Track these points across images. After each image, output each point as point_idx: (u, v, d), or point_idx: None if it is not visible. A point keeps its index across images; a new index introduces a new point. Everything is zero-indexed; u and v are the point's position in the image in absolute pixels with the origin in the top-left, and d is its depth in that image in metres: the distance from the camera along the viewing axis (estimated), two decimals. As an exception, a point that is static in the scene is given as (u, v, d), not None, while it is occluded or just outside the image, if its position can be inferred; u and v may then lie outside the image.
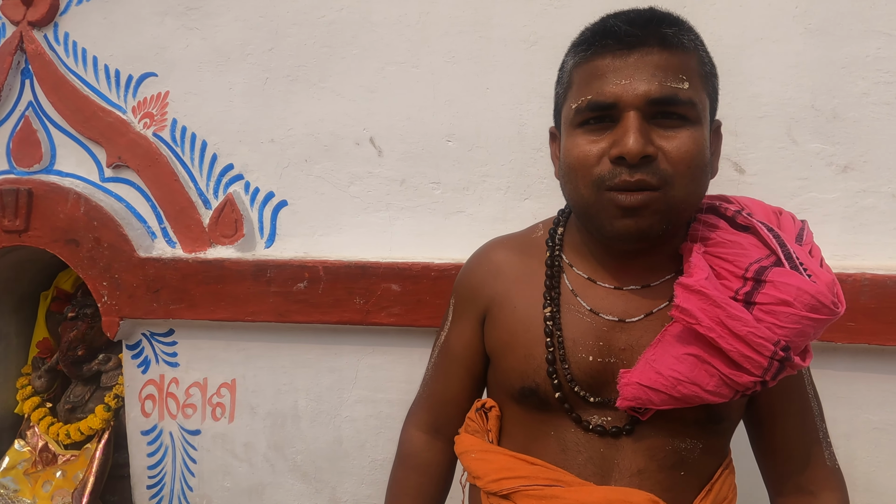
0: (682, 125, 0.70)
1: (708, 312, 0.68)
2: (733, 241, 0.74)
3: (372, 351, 1.38)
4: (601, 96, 0.70)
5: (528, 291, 0.83)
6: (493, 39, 1.29)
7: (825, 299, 0.67)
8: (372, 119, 1.35)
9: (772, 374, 0.68)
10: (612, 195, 0.70)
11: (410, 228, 1.36)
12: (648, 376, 0.71)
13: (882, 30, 1.14)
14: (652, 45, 0.69)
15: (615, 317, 0.78)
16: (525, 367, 0.80)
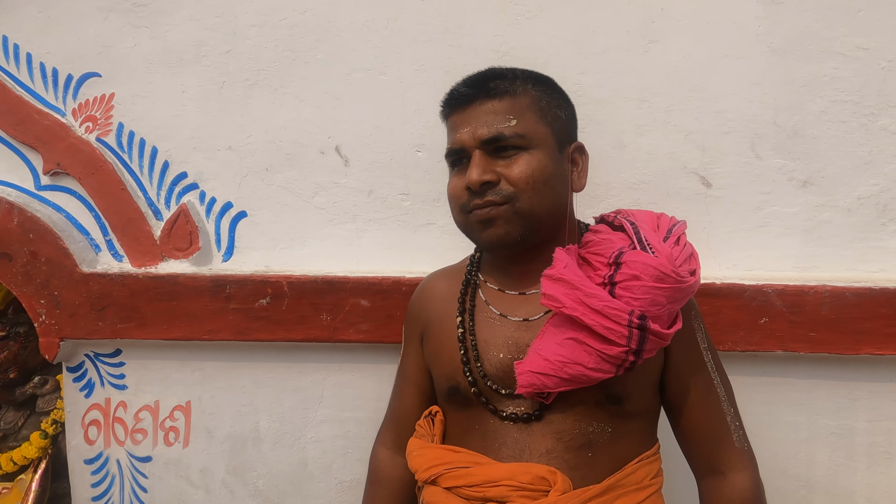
0: (518, 153, 0.86)
1: (570, 295, 0.80)
2: (607, 238, 0.90)
3: (339, 368, 1.33)
4: (453, 144, 0.90)
5: (451, 309, 0.97)
6: (464, 48, 1.26)
7: (665, 269, 0.80)
8: (337, 127, 1.30)
9: (636, 342, 0.79)
10: (472, 215, 0.87)
11: (379, 241, 1.32)
12: (538, 363, 0.82)
13: (838, 50, 1.19)
14: (482, 98, 0.88)
15: (520, 317, 0.91)
16: (449, 370, 0.94)
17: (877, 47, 1.18)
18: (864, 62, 1.19)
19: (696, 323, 0.93)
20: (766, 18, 1.20)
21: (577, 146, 0.94)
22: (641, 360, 0.81)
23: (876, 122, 1.19)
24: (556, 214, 0.90)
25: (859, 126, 1.20)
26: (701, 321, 0.95)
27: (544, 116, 0.89)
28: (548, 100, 0.91)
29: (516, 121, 0.86)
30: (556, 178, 0.88)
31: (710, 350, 0.94)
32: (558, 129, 0.91)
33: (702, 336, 0.93)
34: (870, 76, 1.19)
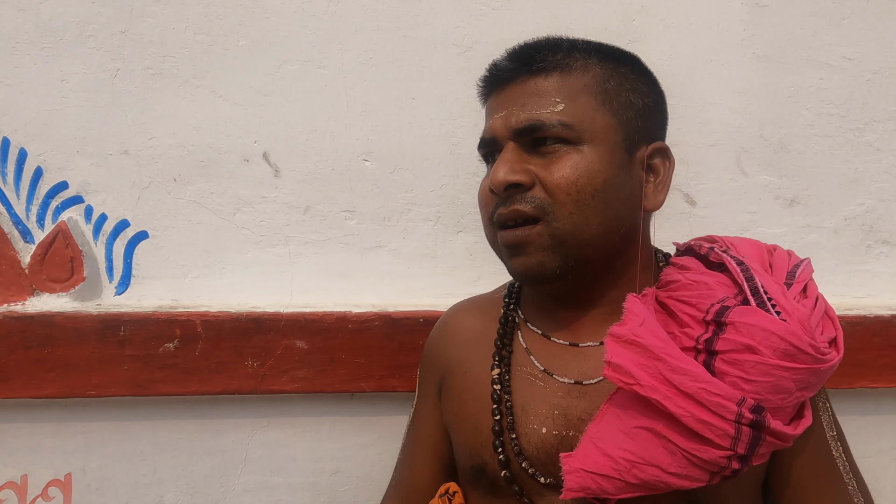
0: (562, 149, 0.65)
1: (647, 368, 0.57)
2: (699, 281, 0.66)
3: (267, 424, 1.08)
4: (484, 133, 0.71)
5: (480, 354, 0.75)
6: (420, 40, 1.07)
7: (799, 342, 0.56)
8: (265, 130, 1.07)
9: (745, 445, 0.55)
10: (499, 233, 0.68)
11: (318, 268, 1.09)
12: (594, 460, 0.59)
13: (824, 60, 1.11)
14: (523, 74, 0.68)
15: (571, 379, 0.68)
16: (473, 442, 0.73)
17: (861, 58, 1.11)
18: (849, 73, 1.11)
19: (819, 399, 0.69)
20: (751, 23, 1.10)
21: (657, 147, 0.70)
22: (749, 466, 0.58)
23: (861, 137, 1.12)
24: (612, 240, 0.67)
25: (845, 141, 1.12)
26: (825, 396, 0.70)
27: (609, 102, 0.66)
28: (619, 80, 0.68)
29: (564, 105, 0.64)
30: (613, 190, 0.65)
31: (840, 439, 0.69)
32: (629, 122, 0.67)
33: (828, 420, 0.69)
34: (855, 88, 1.11)
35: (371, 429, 1.09)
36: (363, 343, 1.03)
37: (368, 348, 1.03)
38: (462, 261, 1.11)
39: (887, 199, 1.13)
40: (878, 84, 1.11)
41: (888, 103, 1.11)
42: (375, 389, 1.04)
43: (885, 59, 1.10)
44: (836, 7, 1.09)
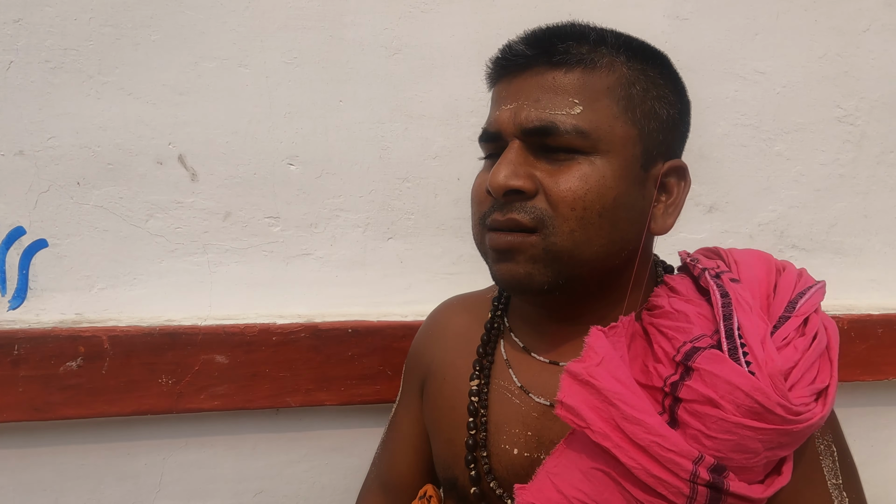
0: (573, 158, 0.58)
1: (601, 412, 0.52)
2: (680, 311, 0.59)
3: (185, 445, 1.01)
4: (489, 125, 0.63)
5: (462, 359, 0.71)
6: (347, 41, 1.04)
7: (766, 400, 0.49)
8: (181, 130, 1.00)
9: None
10: (489, 235, 0.62)
11: (239, 277, 1.03)
12: (547, 496, 0.54)
13: (738, 73, 1.16)
14: (541, 63, 0.60)
15: (547, 399, 0.64)
16: (446, 454, 0.70)
17: (772, 72, 1.16)
18: (761, 86, 1.16)
19: (822, 443, 0.60)
20: (672, 34, 1.13)
21: (674, 166, 0.63)
22: None
23: (773, 147, 1.18)
24: (613, 262, 0.60)
25: (758, 151, 1.18)
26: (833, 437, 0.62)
27: (632, 109, 0.59)
28: (646, 85, 0.60)
29: (582, 108, 0.57)
30: (623, 209, 0.58)
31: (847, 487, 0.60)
32: (650, 134, 0.60)
33: (831, 465, 0.60)
34: (766, 101, 1.17)
35: (298, 445, 1.05)
36: (288, 356, 0.98)
37: (294, 361, 0.98)
38: (393, 268, 1.08)
39: (796, 206, 1.20)
40: (787, 97, 1.17)
41: (796, 115, 1.17)
42: (302, 404, 1.00)
43: (793, 73, 1.16)
44: (749, 23, 1.15)
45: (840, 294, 1.22)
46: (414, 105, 1.06)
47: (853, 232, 1.22)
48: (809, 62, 1.17)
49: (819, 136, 1.19)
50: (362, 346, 1.00)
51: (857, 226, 1.22)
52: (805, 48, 1.16)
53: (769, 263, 0.64)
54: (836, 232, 1.22)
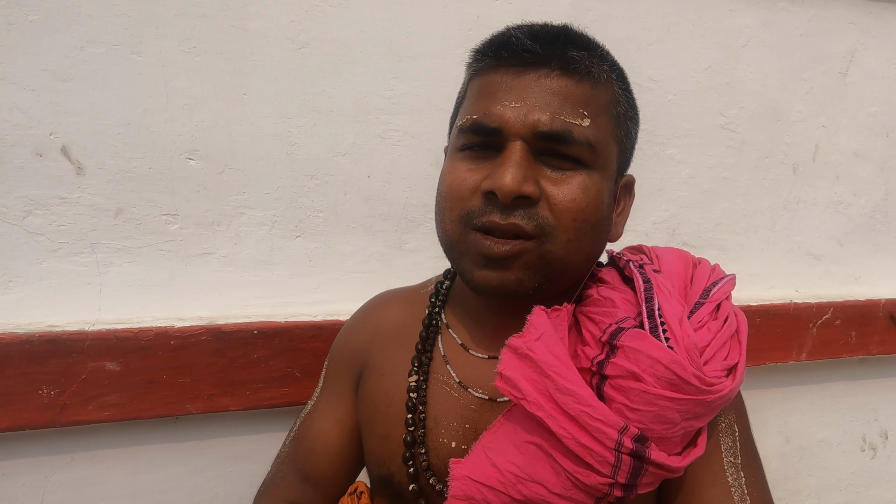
0: (576, 169, 0.59)
1: (536, 383, 0.55)
2: (607, 297, 0.63)
3: (70, 460, 0.94)
4: (486, 118, 0.59)
5: (400, 355, 0.70)
6: (251, 32, 1.00)
7: (683, 372, 0.52)
8: (64, 120, 0.92)
9: (626, 474, 0.53)
10: (477, 237, 0.59)
11: (133, 278, 0.97)
12: (482, 469, 0.56)
13: (634, 80, 1.20)
14: (553, 66, 0.59)
15: (485, 394, 0.65)
16: (381, 451, 0.69)
17: (665, 80, 1.24)
18: (655, 93, 1.24)
19: (723, 421, 0.63)
20: (574, 41, 1.18)
21: (628, 181, 0.68)
22: (634, 495, 0.55)
23: (665, 150, 1.26)
24: (588, 269, 0.64)
25: (653, 154, 1.25)
26: (735, 417, 0.65)
27: (618, 127, 0.62)
28: (626, 106, 0.64)
29: (591, 121, 0.58)
30: (605, 221, 0.62)
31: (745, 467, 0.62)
32: (623, 152, 0.64)
33: (731, 444, 0.63)
34: (660, 107, 1.25)
35: (200, 454, 1.00)
36: (188, 360, 0.93)
37: (194, 366, 0.93)
38: (301, 267, 1.05)
39: (686, 206, 1.28)
40: (678, 104, 1.25)
41: (686, 121, 1.26)
42: (204, 411, 0.95)
43: (682, 82, 1.25)
44: (644, 33, 1.22)
45: (724, 287, 1.33)
46: (322, 101, 1.04)
47: (735, 230, 1.33)
48: (697, 72, 1.26)
49: (706, 141, 1.28)
50: (269, 347, 0.97)
51: (739, 224, 1.33)
52: (693, 59, 1.25)
53: (686, 259, 0.68)
54: (721, 230, 1.32)
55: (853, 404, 1.47)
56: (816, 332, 1.32)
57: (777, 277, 1.38)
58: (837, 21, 1.33)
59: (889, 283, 1.47)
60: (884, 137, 1.42)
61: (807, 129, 1.35)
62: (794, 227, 1.38)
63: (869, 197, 1.43)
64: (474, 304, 0.69)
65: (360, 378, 0.74)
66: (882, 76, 1.39)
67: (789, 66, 1.32)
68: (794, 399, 1.40)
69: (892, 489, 1.53)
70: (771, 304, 1.28)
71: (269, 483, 0.77)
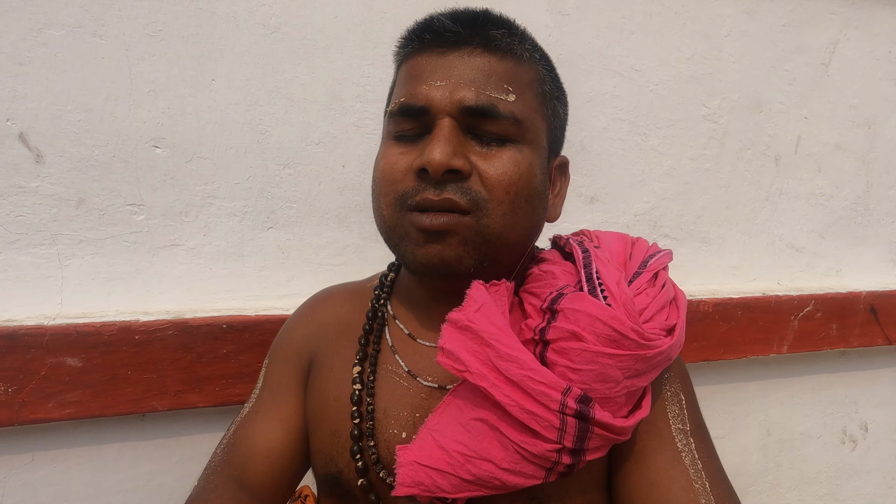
0: (504, 144, 0.60)
1: (478, 354, 0.54)
2: (547, 271, 0.64)
3: (30, 460, 0.90)
4: (413, 98, 0.60)
5: (346, 349, 0.69)
6: (220, 16, 0.96)
7: (622, 326, 0.53)
8: (22, 106, 0.89)
9: (572, 438, 0.53)
10: (414, 217, 0.59)
11: (95, 271, 0.93)
12: (429, 452, 0.55)
13: (616, 69, 1.21)
14: (475, 45, 0.60)
15: (434, 382, 0.64)
16: (329, 448, 0.66)
17: (646, 70, 1.22)
18: (636, 83, 1.22)
19: (669, 389, 0.64)
20: (554, 28, 1.16)
21: (562, 161, 0.69)
22: (583, 462, 0.55)
23: (647, 141, 1.24)
24: (526, 246, 0.64)
25: (634, 145, 1.23)
26: (681, 386, 0.65)
27: (544, 105, 0.63)
28: (552, 85, 0.65)
29: (515, 97, 0.59)
30: (539, 197, 0.62)
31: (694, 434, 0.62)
32: (553, 131, 0.65)
33: (678, 412, 0.62)
34: (641, 97, 1.23)
35: (167, 452, 0.97)
36: (153, 356, 0.90)
37: (160, 361, 0.90)
38: (273, 260, 1.02)
39: (668, 198, 1.27)
40: (660, 94, 1.24)
41: (667, 112, 1.24)
42: (171, 407, 0.92)
43: (664, 72, 1.23)
44: (625, 22, 1.20)
45: (705, 280, 1.32)
46: (294, 87, 1.00)
47: (717, 222, 1.32)
48: (679, 62, 1.24)
49: (687, 132, 1.27)
50: (239, 342, 0.94)
51: (720, 216, 1.32)
52: (675, 49, 1.23)
53: (625, 239, 0.70)
54: (703, 222, 1.31)
55: (834, 397, 1.46)
56: (797, 324, 1.32)
57: (758, 270, 1.37)
58: (819, 12, 1.32)
59: (870, 275, 1.47)
60: (865, 129, 1.41)
61: (788, 120, 1.34)
62: (776, 220, 1.37)
63: (850, 189, 1.42)
64: (419, 293, 0.69)
65: (308, 375, 0.72)
66: (863, 67, 1.38)
67: (771, 56, 1.30)
68: (774, 392, 1.40)
69: (871, 481, 1.53)
70: (752, 296, 1.27)
71: (196, 498, 0.70)
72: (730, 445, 1.37)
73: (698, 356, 1.22)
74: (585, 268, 0.61)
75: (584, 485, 0.62)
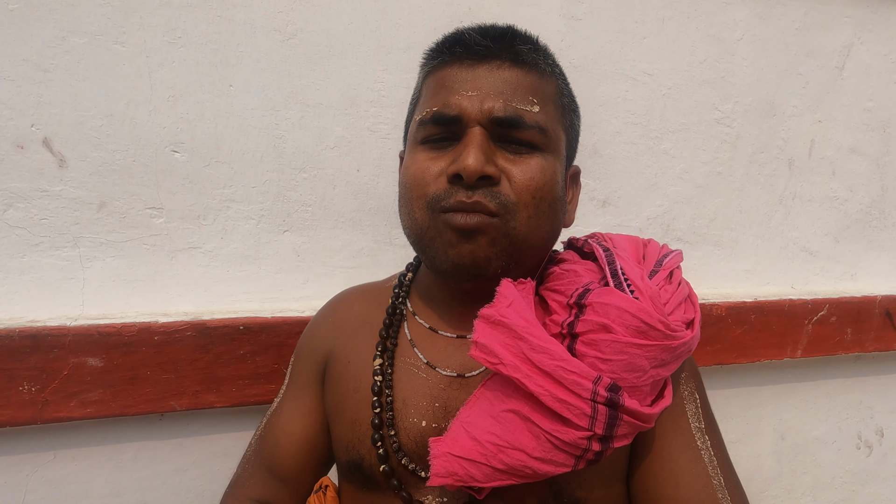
0: (531, 152, 0.64)
1: (511, 347, 0.57)
2: (570, 269, 0.67)
3: (52, 458, 0.92)
4: (446, 108, 0.63)
5: (365, 343, 0.72)
6: (237, 23, 0.98)
7: (649, 318, 0.56)
8: (46, 112, 0.91)
9: (603, 425, 0.55)
10: (447, 217, 0.62)
11: (116, 273, 0.95)
12: (462, 444, 0.57)
13: (628, 73, 1.21)
14: (503, 59, 0.64)
15: (454, 371, 0.67)
16: (350, 436, 0.69)
17: (658, 74, 1.23)
18: (648, 87, 1.23)
19: (686, 389, 0.67)
20: (567, 34, 1.17)
21: (575, 171, 0.74)
22: (611, 449, 0.57)
23: (659, 145, 1.24)
24: (547, 250, 0.69)
25: (646, 149, 1.24)
26: (695, 385, 0.69)
27: (563, 117, 0.68)
28: (569, 99, 0.70)
29: (539, 108, 0.63)
30: (560, 202, 0.67)
31: (710, 432, 0.66)
32: (570, 141, 0.70)
33: (695, 411, 0.67)
34: (654, 101, 1.23)
35: (185, 451, 0.98)
36: (172, 356, 0.92)
37: (179, 362, 0.92)
38: (289, 262, 1.04)
39: (680, 202, 1.27)
40: (672, 98, 1.24)
41: (680, 115, 1.25)
42: (189, 407, 0.93)
43: (677, 76, 1.23)
44: (638, 27, 1.20)
45: (718, 284, 1.32)
46: (310, 93, 1.02)
47: (730, 226, 1.32)
48: (692, 66, 1.24)
49: (700, 136, 1.27)
50: (255, 343, 0.95)
51: (734, 220, 1.32)
52: (688, 53, 1.24)
53: (637, 241, 0.74)
54: (716, 226, 1.30)
55: (848, 402, 1.45)
56: (812, 328, 1.31)
57: (772, 274, 1.37)
58: (833, 15, 1.32)
59: (885, 279, 1.46)
60: (880, 132, 1.40)
61: (802, 124, 1.34)
62: (790, 223, 1.36)
63: (865, 193, 1.42)
64: (439, 292, 0.72)
65: (326, 369, 0.75)
66: (878, 71, 1.38)
67: (784, 60, 1.30)
68: (788, 396, 1.39)
69: (887, 487, 1.52)
70: (766, 300, 1.27)
71: (235, 483, 0.77)
72: (743, 450, 1.36)
73: (711, 360, 1.22)
74: (610, 265, 0.64)
75: (605, 476, 0.65)
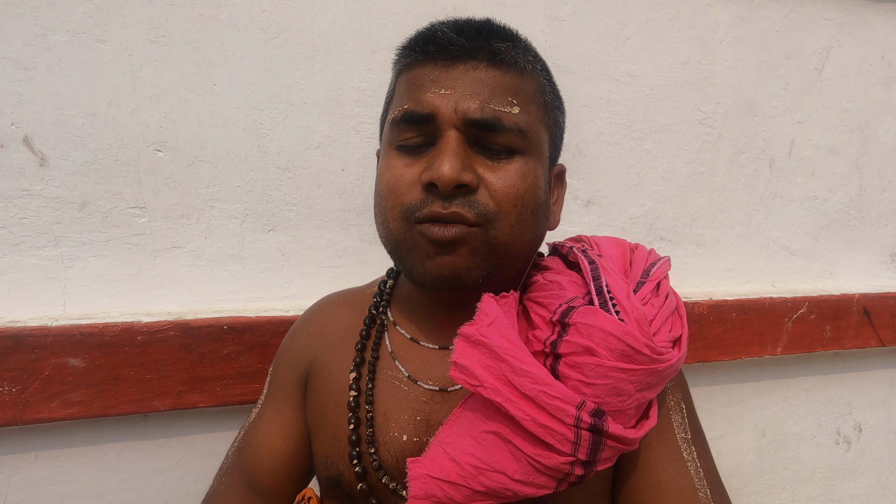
0: (511, 156, 0.60)
1: (492, 369, 0.54)
2: (553, 281, 0.63)
3: (34, 459, 0.91)
4: (418, 105, 0.59)
5: (346, 355, 0.70)
6: (221, 21, 0.98)
7: (635, 342, 0.53)
8: (26, 110, 0.90)
9: (586, 451, 0.53)
10: (423, 228, 0.58)
11: (98, 272, 0.94)
12: (441, 465, 0.55)
13: (611, 74, 1.22)
14: (479, 58, 0.59)
15: (435, 385, 0.65)
16: (330, 451, 0.67)
17: (641, 74, 1.24)
18: (632, 87, 1.24)
19: (672, 399, 0.65)
20: (551, 34, 1.17)
21: (560, 170, 0.70)
22: (594, 472, 0.55)
23: (642, 145, 1.26)
24: (531, 256, 0.65)
25: (630, 149, 1.25)
26: (681, 395, 0.67)
27: (546, 115, 0.63)
28: (552, 96, 0.66)
29: (519, 109, 0.59)
30: (543, 207, 0.63)
31: (696, 442, 0.64)
32: (554, 140, 0.66)
33: (681, 421, 0.64)
34: (637, 101, 1.24)
35: (168, 452, 0.98)
36: (155, 356, 0.91)
37: (162, 362, 0.91)
38: (273, 262, 1.04)
39: (663, 201, 1.29)
40: (655, 99, 1.25)
41: (662, 116, 1.26)
42: (172, 407, 0.93)
43: (659, 76, 1.25)
44: (621, 27, 1.21)
45: (700, 282, 1.33)
46: (294, 92, 1.02)
47: (711, 225, 1.34)
48: (674, 67, 1.26)
49: (682, 136, 1.28)
50: (239, 343, 0.95)
51: (715, 219, 1.34)
52: (670, 54, 1.25)
53: (623, 245, 0.71)
54: (698, 225, 1.32)
55: (828, 398, 1.48)
56: (791, 326, 1.33)
57: (753, 272, 1.39)
58: (813, 17, 1.34)
59: (863, 277, 1.49)
60: (858, 133, 1.43)
61: (782, 124, 1.36)
62: (770, 223, 1.39)
63: (843, 192, 1.44)
64: (420, 300, 0.69)
65: (308, 380, 0.73)
66: (856, 73, 1.40)
67: (765, 61, 1.32)
68: (769, 393, 1.41)
69: (865, 482, 1.55)
70: (747, 298, 1.29)
71: (211, 497, 0.73)
72: (725, 446, 1.38)
73: (693, 357, 1.24)
74: (595, 280, 0.60)
75: (590, 492, 0.63)
